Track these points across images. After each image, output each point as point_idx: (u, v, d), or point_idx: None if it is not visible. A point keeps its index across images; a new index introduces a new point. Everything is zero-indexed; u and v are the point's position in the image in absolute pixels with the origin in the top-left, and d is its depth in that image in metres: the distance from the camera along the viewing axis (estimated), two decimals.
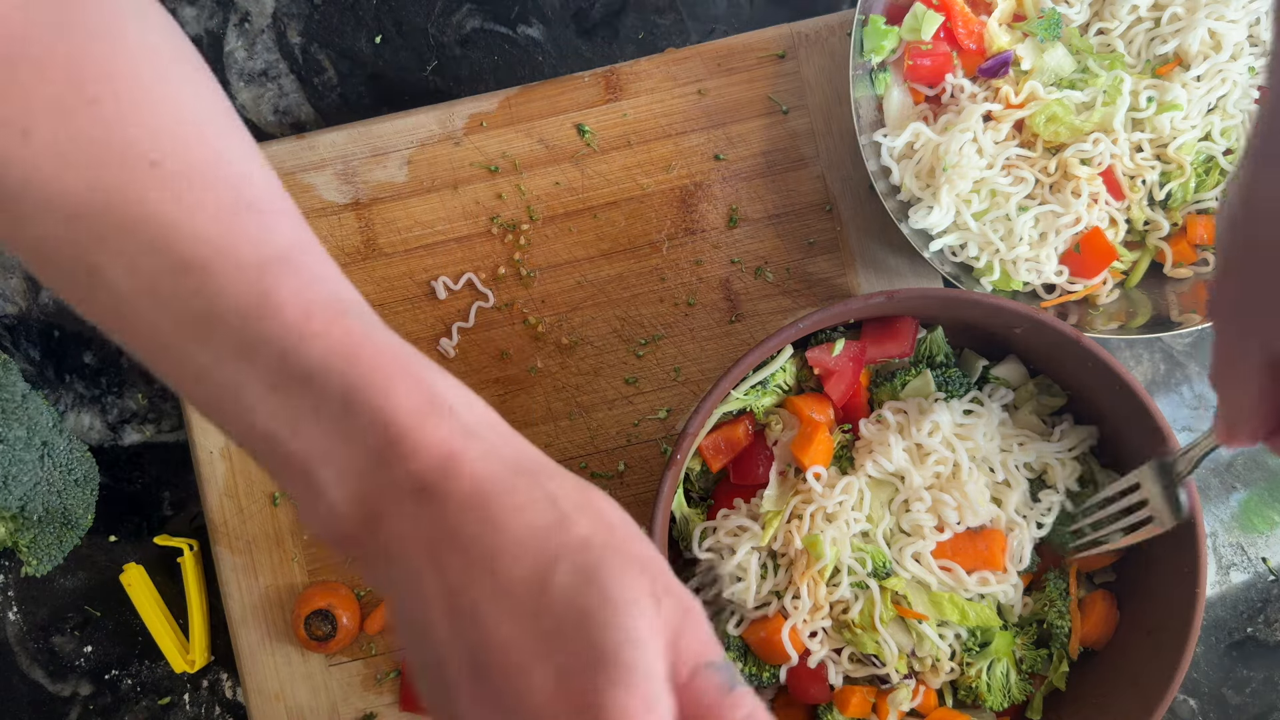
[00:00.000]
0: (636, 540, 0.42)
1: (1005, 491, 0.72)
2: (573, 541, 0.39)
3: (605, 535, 0.40)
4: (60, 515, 0.79)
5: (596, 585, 0.38)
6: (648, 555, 0.41)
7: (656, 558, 0.42)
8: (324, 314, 0.41)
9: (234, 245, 0.41)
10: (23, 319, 0.85)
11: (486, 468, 0.40)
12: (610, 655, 0.37)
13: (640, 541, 0.42)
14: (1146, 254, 0.80)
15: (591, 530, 0.40)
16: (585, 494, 0.42)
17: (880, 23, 0.77)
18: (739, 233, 0.84)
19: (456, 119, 0.83)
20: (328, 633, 0.78)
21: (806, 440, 0.72)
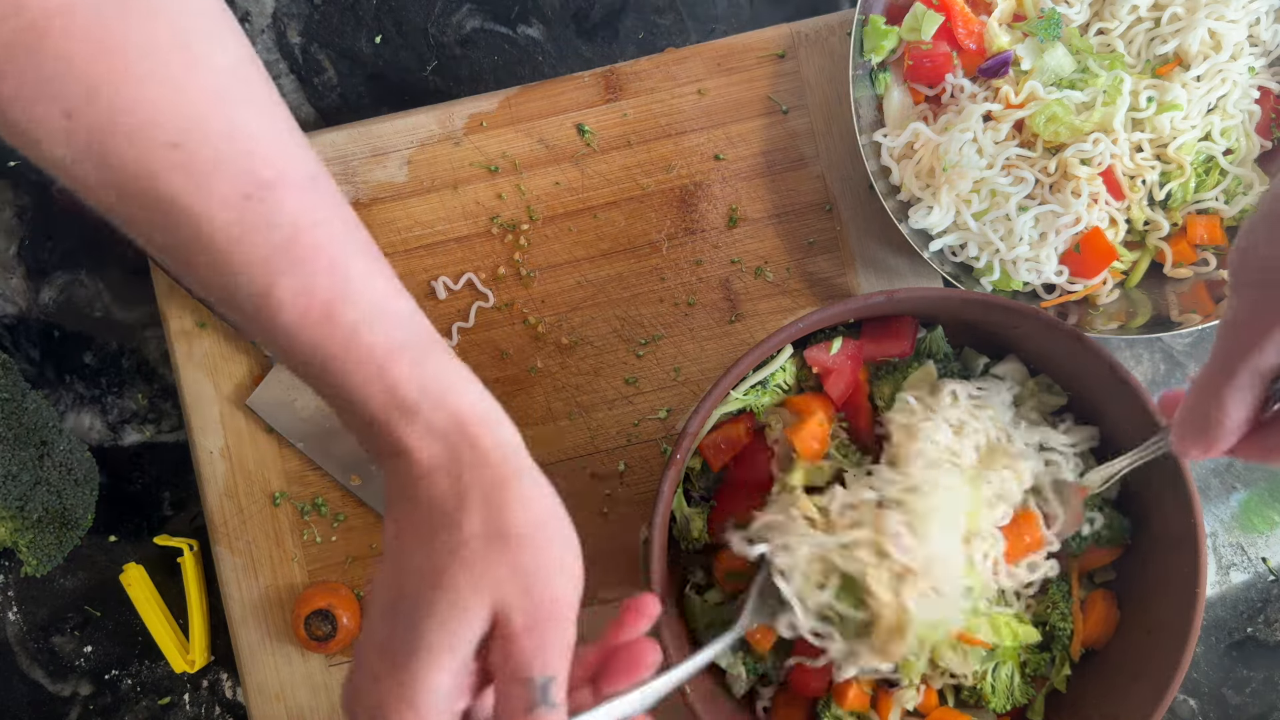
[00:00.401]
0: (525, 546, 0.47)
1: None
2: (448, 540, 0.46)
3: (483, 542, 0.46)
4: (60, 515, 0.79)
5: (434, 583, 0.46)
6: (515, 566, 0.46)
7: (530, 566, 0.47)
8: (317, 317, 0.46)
9: (243, 235, 0.45)
10: (23, 319, 0.85)
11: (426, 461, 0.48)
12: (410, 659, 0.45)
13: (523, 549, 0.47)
14: (1146, 254, 0.80)
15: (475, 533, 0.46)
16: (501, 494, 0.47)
17: (880, 23, 0.77)
18: (739, 232, 0.84)
19: (456, 119, 0.83)
20: (328, 633, 0.78)
21: (799, 427, 0.72)
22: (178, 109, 0.44)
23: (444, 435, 0.47)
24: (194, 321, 0.82)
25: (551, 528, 0.49)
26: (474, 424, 0.48)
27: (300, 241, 0.46)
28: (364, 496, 0.81)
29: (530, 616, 0.46)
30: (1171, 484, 0.69)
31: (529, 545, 0.47)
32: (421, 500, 0.48)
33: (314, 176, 0.48)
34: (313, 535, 0.82)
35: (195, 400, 0.82)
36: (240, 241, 0.45)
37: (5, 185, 0.85)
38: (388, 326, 0.48)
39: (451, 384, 0.48)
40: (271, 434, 0.82)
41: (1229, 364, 0.52)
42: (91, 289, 0.85)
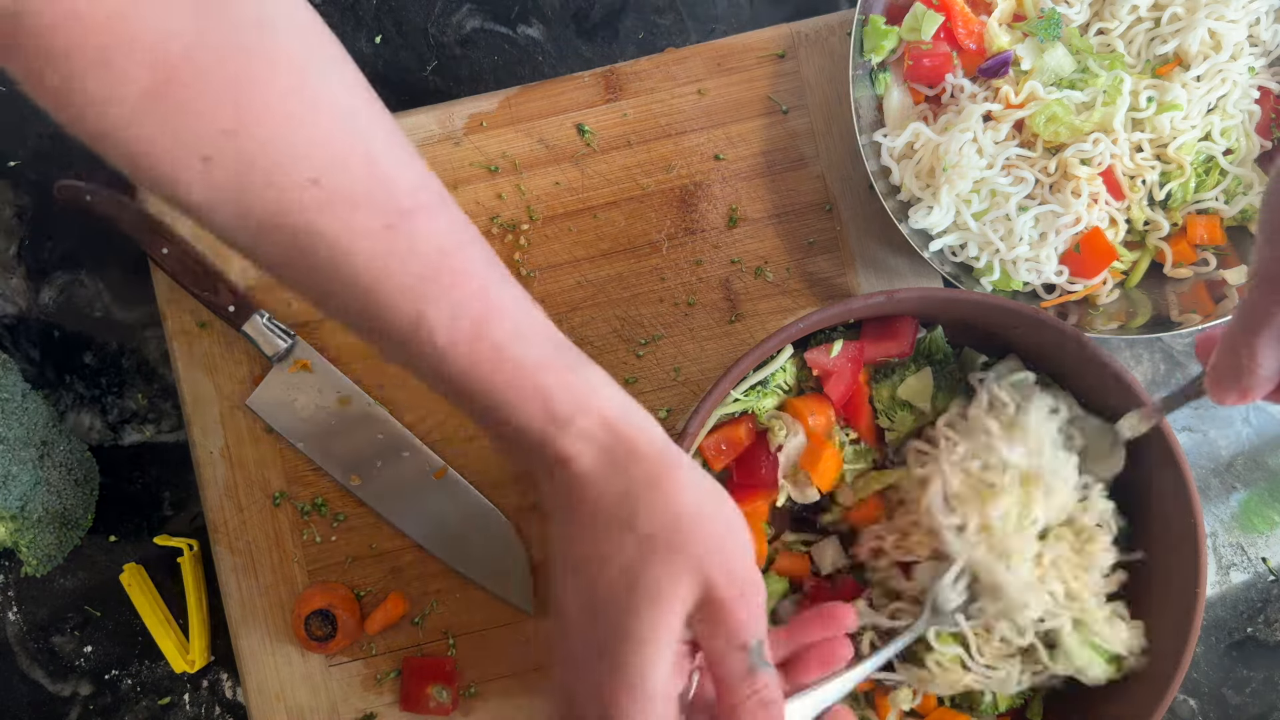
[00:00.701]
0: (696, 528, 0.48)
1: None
2: (630, 538, 0.48)
3: (662, 534, 0.48)
4: (60, 515, 0.79)
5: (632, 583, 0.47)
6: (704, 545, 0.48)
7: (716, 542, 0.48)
8: (467, 338, 0.48)
9: (389, 266, 0.47)
10: (23, 319, 0.85)
11: (587, 464, 0.49)
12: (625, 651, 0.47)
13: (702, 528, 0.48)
14: (1146, 254, 0.80)
15: (652, 528, 0.48)
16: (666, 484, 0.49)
17: (880, 23, 0.77)
18: (739, 232, 0.84)
19: (456, 119, 0.83)
20: (328, 633, 0.78)
21: (814, 456, 0.72)
22: (312, 144, 0.45)
23: (599, 440, 0.49)
24: (194, 321, 0.82)
25: (725, 504, 0.50)
26: (624, 425, 0.50)
27: (445, 267, 0.47)
28: (364, 496, 0.81)
29: (735, 586, 0.48)
30: (1171, 484, 0.69)
31: (711, 522, 0.49)
32: (589, 506, 0.49)
33: (444, 198, 0.50)
34: (313, 535, 0.82)
35: (195, 400, 0.82)
36: (386, 271, 0.47)
37: (5, 185, 0.85)
38: (534, 341, 0.50)
39: (596, 389, 0.50)
40: (271, 434, 0.82)
41: (1261, 313, 0.52)
42: (91, 289, 0.85)
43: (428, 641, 0.81)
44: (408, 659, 0.80)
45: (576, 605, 0.49)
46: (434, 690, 0.79)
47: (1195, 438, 0.85)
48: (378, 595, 0.81)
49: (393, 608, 0.80)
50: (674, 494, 0.49)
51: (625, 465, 0.49)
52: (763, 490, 0.73)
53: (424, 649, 0.81)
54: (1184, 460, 0.69)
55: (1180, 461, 0.69)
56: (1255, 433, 0.85)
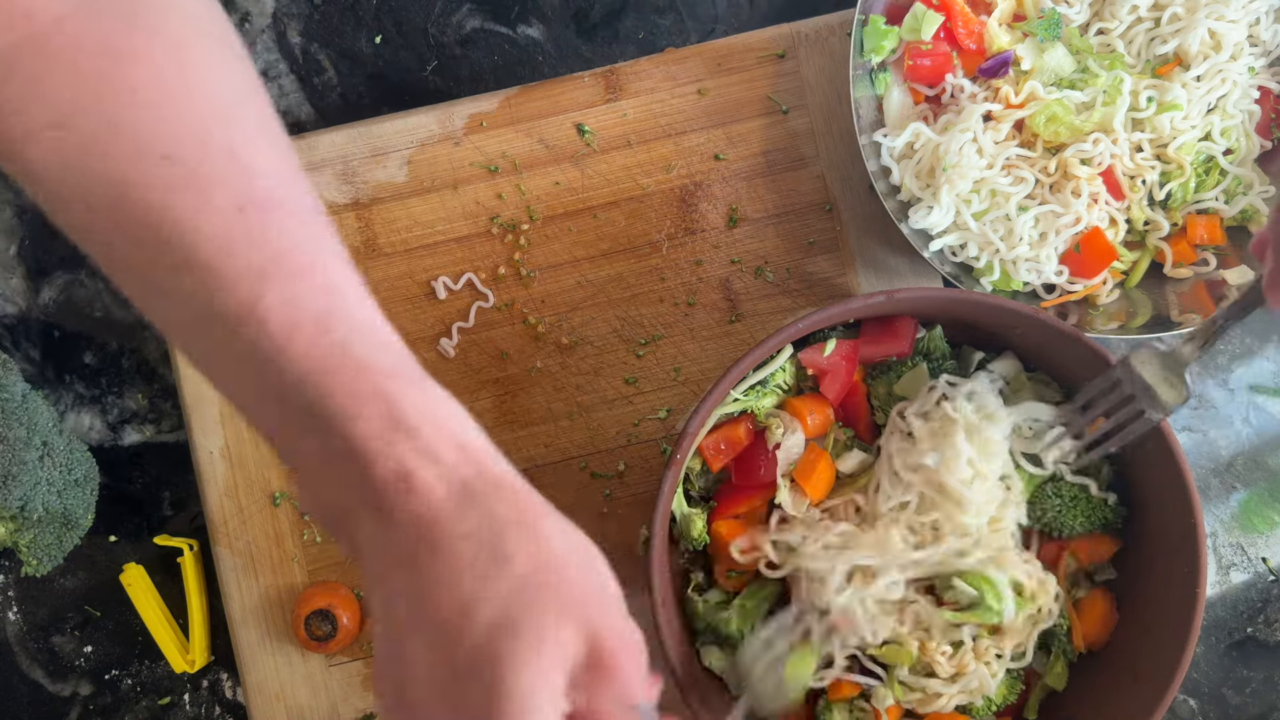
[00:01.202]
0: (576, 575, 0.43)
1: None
2: (505, 578, 0.41)
3: (540, 575, 0.42)
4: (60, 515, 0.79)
5: (510, 630, 0.40)
6: (584, 592, 0.42)
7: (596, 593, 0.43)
8: (308, 330, 0.42)
9: (233, 248, 0.42)
10: (23, 319, 0.85)
11: (439, 491, 0.42)
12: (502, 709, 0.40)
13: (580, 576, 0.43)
14: (1146, 254, 0.80)
15: (528, 567, 0.41)
16: (535, 523, 0.43)
17: (880, 23, 0.77)
18: (739, 232, 0.84)
19: (456, 119, 0.83)
20: (328, 633, 0.78)
21: (810, 468, 0.72)
22: (172, 123, 0.43)
23: (453, 464, 0.43)
24: None
25: (597, 556, 0.45)
26: (481, 452, 0.44)
27: (294, 258, 0.43)
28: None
29: (621, 640, 0.42)
30: (1171, 484, 0.69)
31: (588, 571, 0.44)
32: (446, 544, 0.42)
33: (314, 211, 0.46)
34: (313, 535, 0.82)
35: (195, 400, 0.82)
36: (229, 254, 0.42)
37: (5, 185, 0.85)
38: (381, 349, 0.44)
39: (450, 411, 0.44)
40: None
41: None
42: (91, 289, 0.85)
43: None
44: None
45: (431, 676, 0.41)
46: None
47: (1195, 438, 0.85)
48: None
49: None
50: (547, 534, 0.43)
51: (489, 501, 0.42)
52: (761, 489, 0.73)
53: None
54: (1184, 460, 0.69)
55: (1180, 461, 0.69)
56: (1255, 433, 0.85)
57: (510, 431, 0.82)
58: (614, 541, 0.82)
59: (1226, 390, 0.85)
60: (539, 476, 0.82)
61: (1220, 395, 0.85)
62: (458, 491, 0.42)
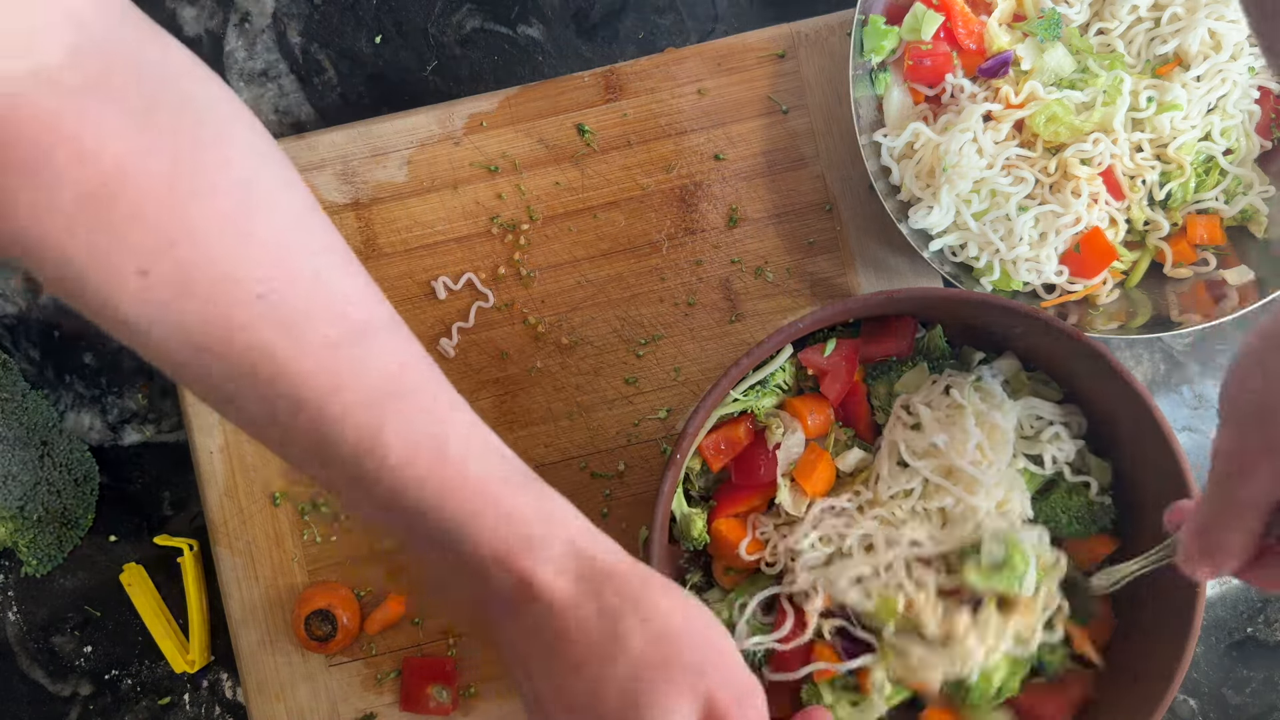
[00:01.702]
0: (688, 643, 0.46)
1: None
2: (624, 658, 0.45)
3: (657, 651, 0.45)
4: (60, 515, 0.79)
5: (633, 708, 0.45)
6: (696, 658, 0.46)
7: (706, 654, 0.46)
8: (426, 456, 0.45)
9: (343, 383, 0.44)
10: (23, 319, 0.85)
11: (559, 589, 0.46)
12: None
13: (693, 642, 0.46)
14: (1146, 254, 0.80)
15: (644, 645, 0.45)
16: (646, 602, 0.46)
17: (880, 23, 0.77)
18: (739, 232, 0.84)
19: (456, 119, 0.83)
20: (328, 633, 0.78)
21: (810, 468, 0.72)
22: (260, 259, 0.43)
23: (570, 564, 0.47)
24: None
25: (705, 612, 0.48)
26: (593, 547, 0.48)
27: (400, 383, 0.45)
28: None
29: (734, 692, 0.46)
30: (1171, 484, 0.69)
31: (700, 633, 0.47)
32: (571, 636, 0.46)
33: (394, 318, 0.48)
34: (313, 535, 0.82)
35: (195, 400, 0.82)
36: (338, 390, 0.44)
37: None
38: (492, 459, 0.48)
39: (563, 512, 0.48)
40: None
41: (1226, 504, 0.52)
42: None
43: (428, 641, 0.81)
44: (408, 659, 0.80)
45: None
46: (434, 690, 0.79)
47: (1195, 438, 0.85)
48: (378, 595, 0.81)
49: (393, 608, 0.80)
50: (659, 609, 0.46)
51: (602, 588, 0.46)
52: (761, 489, 0.73)
53: (424, 649, 0.81)
54: (1184, 460, 0.69)
55: (1180, 461, 0.68)
56: None
57: (510, 431, 0.82)
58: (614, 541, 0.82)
59: None
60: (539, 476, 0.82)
61: None
62: (580, 589, 0.46)
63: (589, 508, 0.82)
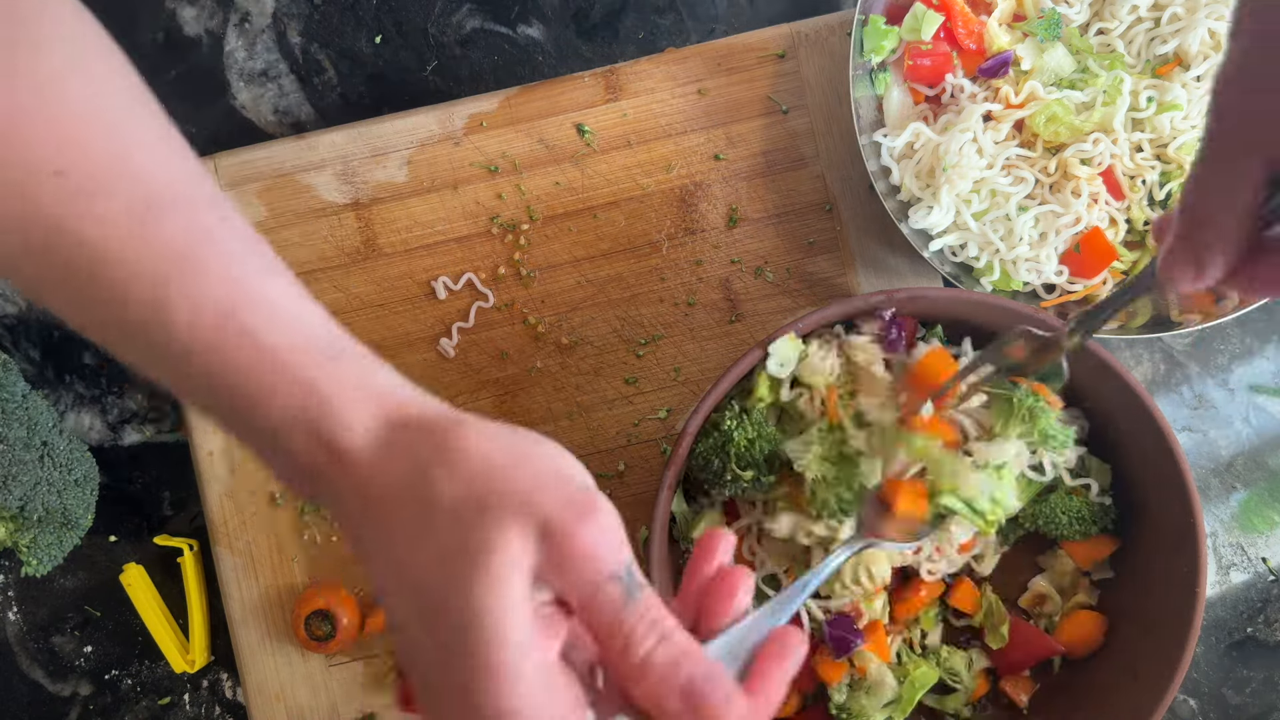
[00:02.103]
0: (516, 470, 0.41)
1: None
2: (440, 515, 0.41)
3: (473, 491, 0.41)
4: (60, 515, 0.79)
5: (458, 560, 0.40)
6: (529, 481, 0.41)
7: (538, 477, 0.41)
8: (212, 319, 0.43)
9: (137, 253, 0.43)
10: (23, 319, 0.85)
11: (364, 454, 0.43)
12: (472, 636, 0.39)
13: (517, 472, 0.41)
14: (1146, 254, 0.80)
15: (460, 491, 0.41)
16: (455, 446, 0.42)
17: (880, 23, 0.77)
18: (739, 232, 0.84)
19: (456, 119, 0.83)
20: (328, 633, 0.78)
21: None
22: (60, 138, 0.43)
23: (374, 423, 0.43)
24: None
25: (541, 443, 0.43)
26: (397, 399, 0.44)
27: (195, 254, 0.43)
28: None
29: (576, 510, 0.41)
30: (1171, 484, 0.69)
31: (528, 460, 0.42)
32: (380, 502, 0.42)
33: (213, 201, 0.46)
34: (313, 535, 0.82)
35: None
36: (133, 260, 0.43)
37: None
38: (294, 328, 0.44)
39: (364, 372, 0.44)
40: None
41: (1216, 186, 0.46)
42: None
43: None
44: None
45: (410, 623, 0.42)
46: None
47: (1195, 438, 0.85)
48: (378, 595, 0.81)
49: None
50: (473, 448, 0.42)
51: (410, 444, 0.42)
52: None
53: None
54: (1184, 460, 0.69)
55: (1180, 461, 0.69)
56: (1255, 433, 0.85)
57: None
58: None
59: (1226, 390, 0.85)
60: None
61: (1220, 395, 0.85)
62: (381, 448, 0.42)
63: None
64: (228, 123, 0.86)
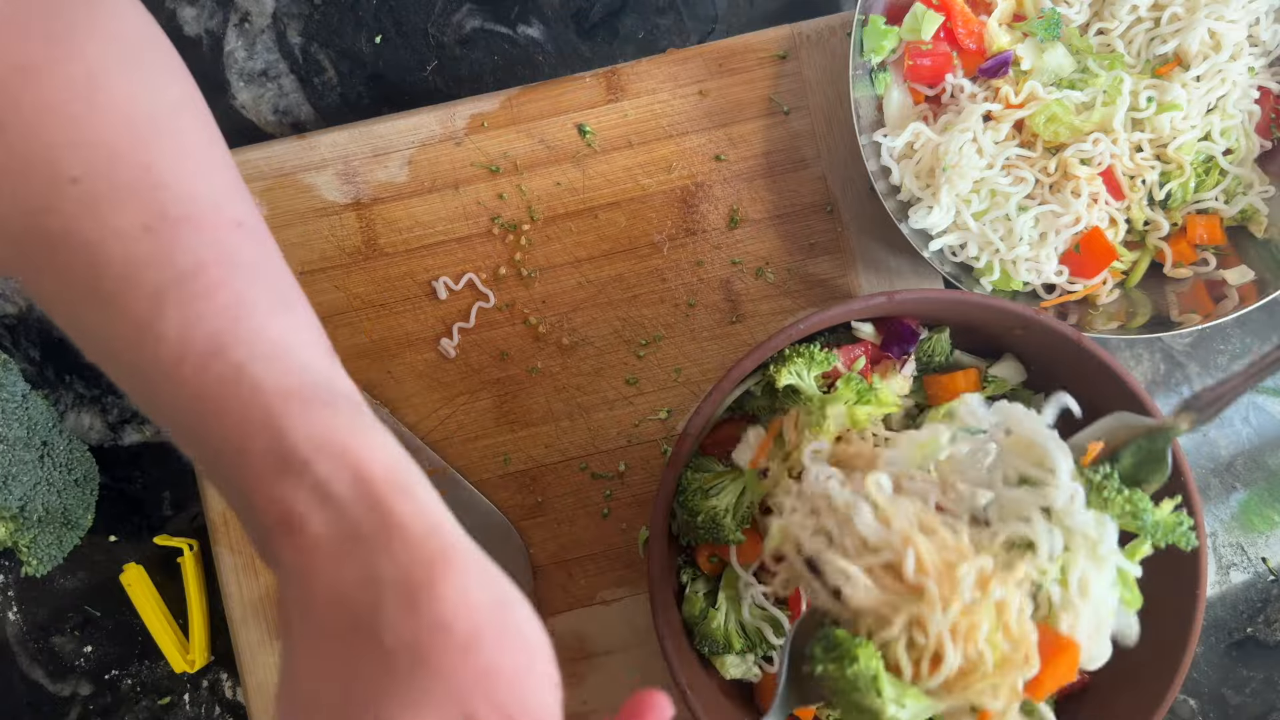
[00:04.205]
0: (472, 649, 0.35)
1: None
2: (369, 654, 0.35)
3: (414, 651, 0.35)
4: (60, 515, 0.79)
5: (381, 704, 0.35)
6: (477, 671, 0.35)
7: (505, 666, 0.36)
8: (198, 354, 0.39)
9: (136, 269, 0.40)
10: (23, 319, 0.85)
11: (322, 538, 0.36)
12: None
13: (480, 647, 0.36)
14: (1146, 254, 0.80)
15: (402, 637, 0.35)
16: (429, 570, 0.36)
17: (880, 23, 0.78)
18: (740, 233, 0.84)
19: (458, 119, 0.83)
20: None
21: None
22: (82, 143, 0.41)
23: (343, 499, 0.36)
24: None
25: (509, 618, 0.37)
26: (385, 485, 0.37)
27: (199, 278, 0.40)
28: None
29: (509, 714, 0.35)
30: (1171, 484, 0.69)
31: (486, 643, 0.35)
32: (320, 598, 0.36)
33: (240, 222, 0.43)
34: None
35: None
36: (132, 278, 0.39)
37: None
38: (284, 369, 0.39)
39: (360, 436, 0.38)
40: None
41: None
42: None
43: None
44: None
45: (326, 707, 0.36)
46: None
47: (1195, 438, 0.85)
48: None
49: None
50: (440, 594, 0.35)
51: (376, 541, 0.36)
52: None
53: None
54: (1184, 460, 0.69)
55: (1180, 461, 0.69)
56: (1255, 433, 0.85)
57: (510, 432, 0.83)
58: (614, 541, 0.82)
59: None
60: (539, 476, 0.82)
61: None
62: (344, 533, 0.36)
63: (589, 508, 0.82)
64: (228, 123, 0.86)
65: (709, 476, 0.71)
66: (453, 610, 0.35)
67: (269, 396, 0.38)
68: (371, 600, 0.35)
